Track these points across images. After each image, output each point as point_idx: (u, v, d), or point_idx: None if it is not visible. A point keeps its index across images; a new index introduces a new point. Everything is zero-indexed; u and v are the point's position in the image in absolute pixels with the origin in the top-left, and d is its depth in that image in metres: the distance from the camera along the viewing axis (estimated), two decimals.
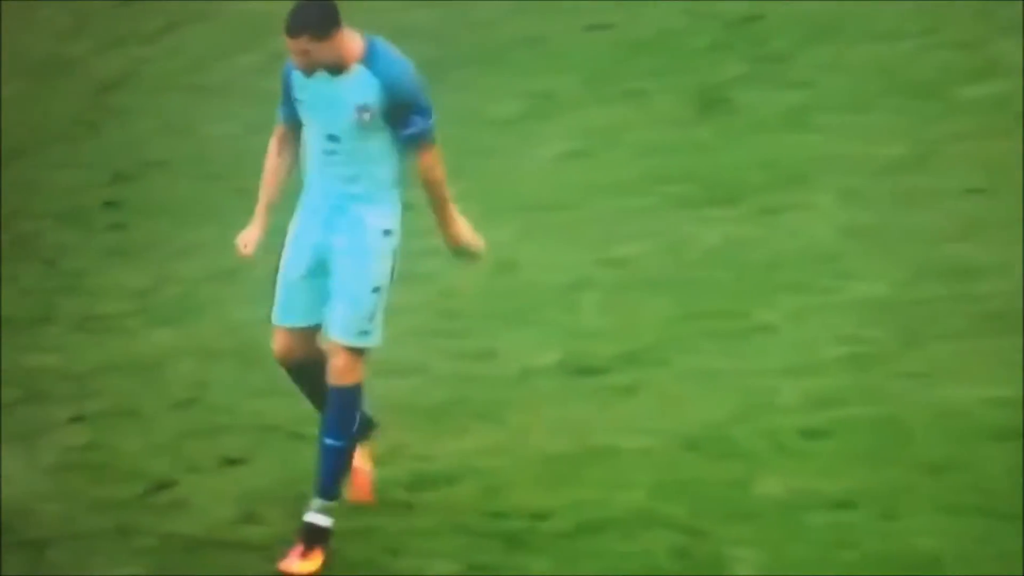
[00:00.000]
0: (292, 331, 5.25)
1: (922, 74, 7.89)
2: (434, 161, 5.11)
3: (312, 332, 5.23)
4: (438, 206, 5.20)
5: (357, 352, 5.15)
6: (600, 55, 8.39)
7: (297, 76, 5.04)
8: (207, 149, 8.09)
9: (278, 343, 5.29)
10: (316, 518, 5.32)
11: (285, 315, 5.25)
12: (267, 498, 5.73)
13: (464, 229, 5.28)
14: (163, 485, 5.87)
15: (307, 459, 5.85)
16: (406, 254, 7.16)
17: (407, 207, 7.49)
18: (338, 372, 5.15)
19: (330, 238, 5.13)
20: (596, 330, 6.46)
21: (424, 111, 5.05)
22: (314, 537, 5.33)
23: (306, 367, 5.30)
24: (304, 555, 5.32)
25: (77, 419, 6.36)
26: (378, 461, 5.87)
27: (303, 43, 4.92)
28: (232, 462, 5.83)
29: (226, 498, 5.72)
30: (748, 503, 5.48)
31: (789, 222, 6.96)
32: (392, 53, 5.06)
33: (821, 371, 6.11)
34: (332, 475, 5.27)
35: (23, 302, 7.20)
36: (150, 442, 6.15)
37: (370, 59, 4.99)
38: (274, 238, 5.35)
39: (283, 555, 5.31)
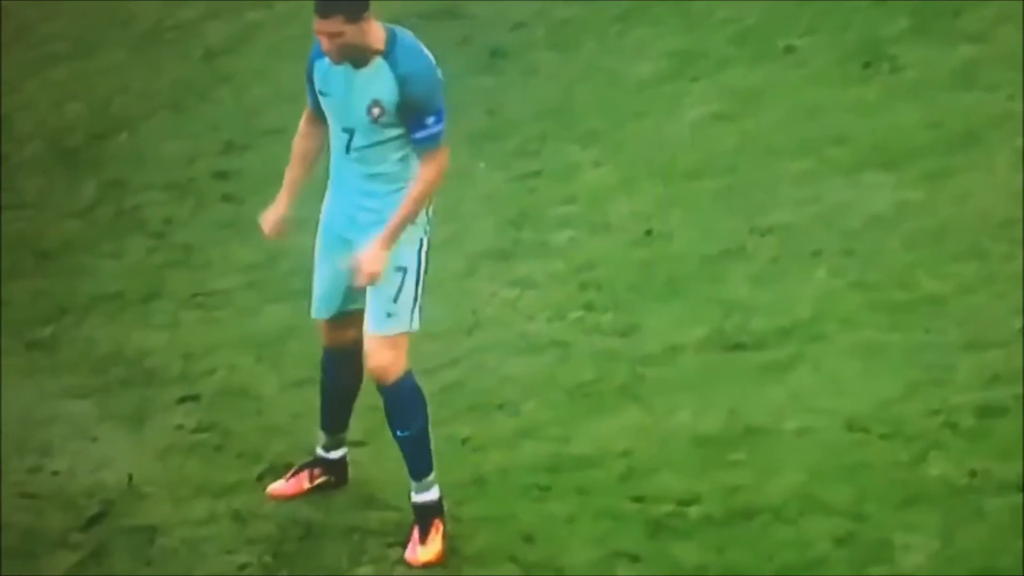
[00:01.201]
0: (332, 322, 5.42)
1: None
2: (436, 171, 5.14)
3: (353, 317, 5.35)
4: (406, 214, 5.14)
5: (389, 342, 5.24)
6: (751, 11, 8.31)
7: (320, 66, 5.17)
8: None
9: (324, 334, 5.48)
10: (421, 497, 5.47)
11: (321, 309, 5.42)
12: (389, 481, 5.79)
13: (381, 255, 5.18)
14: (280, 468, 5.93)
15: (432, 441, 5.87)
16: (541, 225, 7.31)
17: (536, 175, 7.59)
18: (376, 370, 5.26)
19: (354, 234, 5.25)
20: (748, 303, 6.41)
21: (437, 113, 5.10)
22: (427, 514, 5.46)
23: (348, 359, 5.42)
24: (423, 539, 5.45)
25: (188, 399, 6.46)
26: (512, 443, 5.95)
27: (336, 24, 5.02)
28: (352, 444, 5.86)
29: None
30: (918, 486, 5.42)
31: (960, 186, 6.85)
32: (412, 48, 5.13)
33: (997, 344, 6.02)
34: (417, 459, 5.44)
35: (130, 278, 7.33)
36: (265, 423, 6.22)
37: (390, 53, 5.09)
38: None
39: (404, 545, 5.40)
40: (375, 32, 5.08)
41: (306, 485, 5.68)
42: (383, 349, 5.24)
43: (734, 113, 7.56)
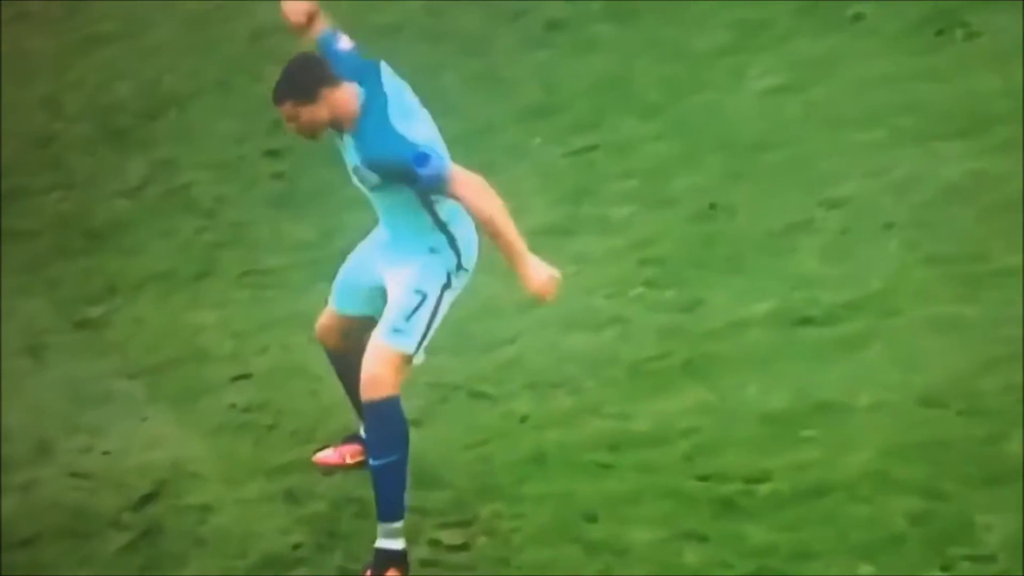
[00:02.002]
0: (338, 317, 5.39)
1: None
2: (471, 197, 4.91)
3: (354, 325, 5.32)
4: (499, 243, 4.95)
5: (387, 356, 5.12)
6: None
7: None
8: None
9: (321, 321, 5.45)
10: (385, 543, 5.29)
11: (337, 299, 5.42)
12: (446, 461, 5.72)
13: (536, 269, 4.98)
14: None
15: (489, 419, 5.93)
16: (599, 200, 7.18)
17: (593, 149, 7.45)
18: (367, 379, 5.12)
19: (386, 264, 5.24)
20: (817, 277, 6.27)
21: (421, 160, 4.89)
22: (385, 562, 5.28)
23: (344, 360, 5.40)
24: None
25: (240, 378, 6.38)
26: (572, 420, 5.85)
27: (288, 109, 4.94)
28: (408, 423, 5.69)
29: None
30: (998, 464, 5.27)
31: None
32: (373, 123, 4.93)
33: None
34: (388, 496, 5.22)
35: (180, 257, 7.26)
36: (318, 402, 6.14)
37: (358, 126, 4.94)
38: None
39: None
40: (348, 103, 4.91)
41: (348, 460, 5.61)
42: (380, 361, 5.11)
43: (800, 84, 7.40)
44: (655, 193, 6.99)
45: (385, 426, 5.17)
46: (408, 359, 5.19)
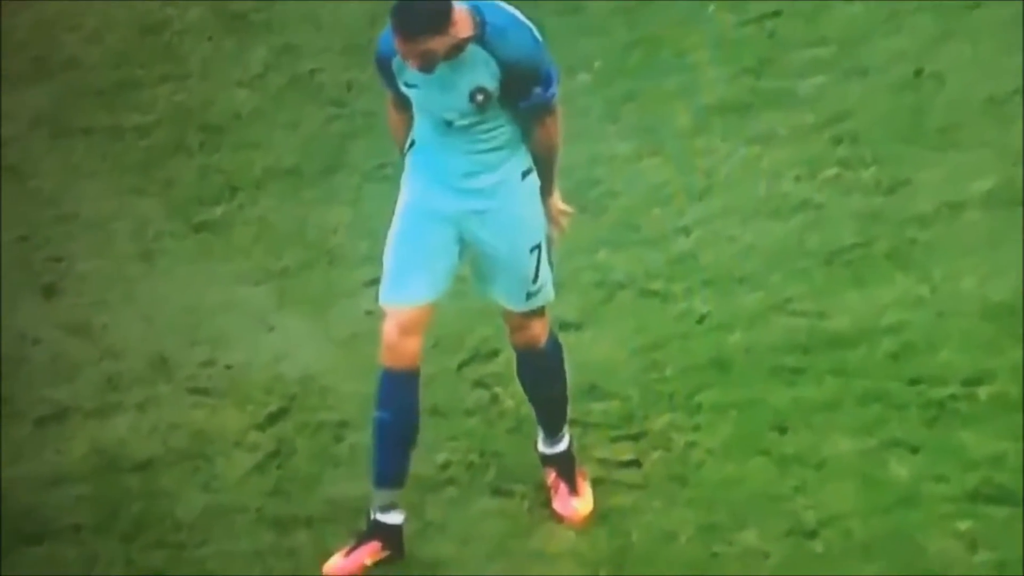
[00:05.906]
0: (420, 311, 5.26)
1: None
2: (553, 130, 5.18)
3: (429, 311, 5.28)
4: (546, 172, 5.25)
5: (535, 313, 5.28)
6: None
7: (400, 61, 5.07)
8: None
9: (395, 328, 5.24)
10: (558, 447, 5.37)
11: (403, 292, 5.27)
12: (612, 368, 5.66)
13: (558, 200, 5.33)
14: (483, 355, 5.83)
15: (662, 320, 5.84)
16: (784, 71, 6.98)
17: (776, 15, 7.24)
18: (529, 337, 5.31)
19: (465, 204, 5.21)
20: None
21: (545, 79, 5.08)
22: (567, 463, 5.36)
23: (415, 374, 5.24)
24: (575, 490, 5.34)
25: (376, 282, 6.18)
26: (757, 319, 5.76)
27: (423, 43, 4.92)
28: (568, 326, 5.73)
29: None
30: None
31: None
32: (506, 22, 5.05)
33: None
34: (560, 415, 5.39)
35: (308, 150, 7.21)
36: (465, 306, 6.01)
37: (483, 36, 5.01)
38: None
39: (556, 494, 5.29)
40: (462, 22, 4.98)
41: (367, 561, 5.31)
42: (531, 320, 5.27)
43: None
44: (849, 61, 6.84)
45: (555, 362, 5.33)
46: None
